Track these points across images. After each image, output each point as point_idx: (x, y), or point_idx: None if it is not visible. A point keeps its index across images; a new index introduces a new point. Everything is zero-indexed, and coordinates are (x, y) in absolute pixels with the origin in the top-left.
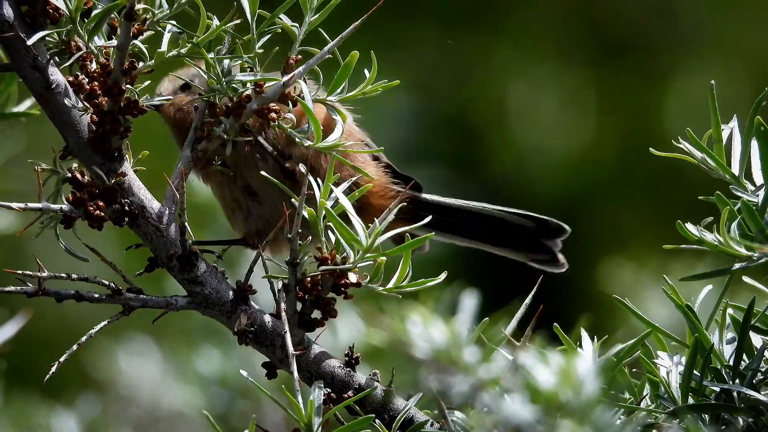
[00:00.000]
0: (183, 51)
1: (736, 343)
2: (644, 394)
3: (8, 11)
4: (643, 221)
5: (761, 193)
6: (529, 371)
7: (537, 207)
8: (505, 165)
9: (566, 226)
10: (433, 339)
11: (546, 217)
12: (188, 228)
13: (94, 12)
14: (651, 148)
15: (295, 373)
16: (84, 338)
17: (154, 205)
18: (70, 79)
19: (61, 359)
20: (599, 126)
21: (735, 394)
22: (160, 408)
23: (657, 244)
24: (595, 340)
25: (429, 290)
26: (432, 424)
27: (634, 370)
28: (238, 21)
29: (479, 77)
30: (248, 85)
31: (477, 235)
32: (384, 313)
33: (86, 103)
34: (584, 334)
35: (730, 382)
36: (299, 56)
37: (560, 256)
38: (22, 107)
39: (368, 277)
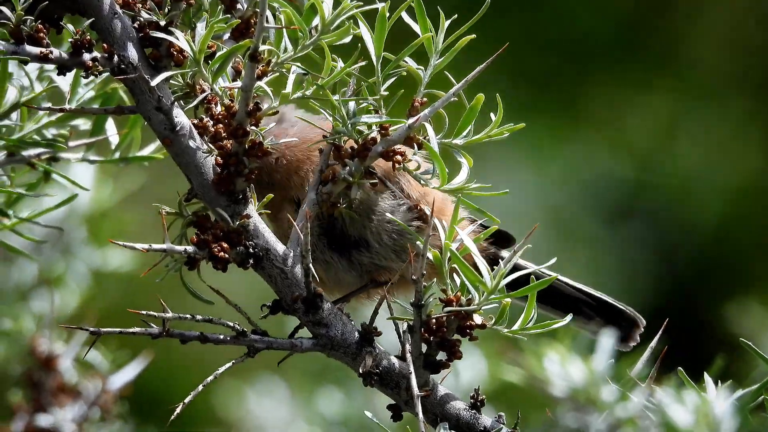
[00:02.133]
0: (308, 93)
1: None
2: None
3: (132, 53)
4: None
5: None
6: (665, 410)
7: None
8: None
9: (641, 321)
10: (571, 377)
11: (623, 308)
12: (313, 270)
13: (218, 54)
14: None
15: (420, 415)
16: (209, 378)
17: (278, 247)
18: (195, 121)
19: (186, 400)
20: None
21: None
22: None
23: None
24: (719, 383)
25: (564, 329)
26: None
27: (762, 414)
28: (362, 63)
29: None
30: (374, 127)
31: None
32: (521, 351)
33: (211, 145)
34: (708, 379)
35: None
36: (424, 99)
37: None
38: (145, 151)
39: (493, 319)
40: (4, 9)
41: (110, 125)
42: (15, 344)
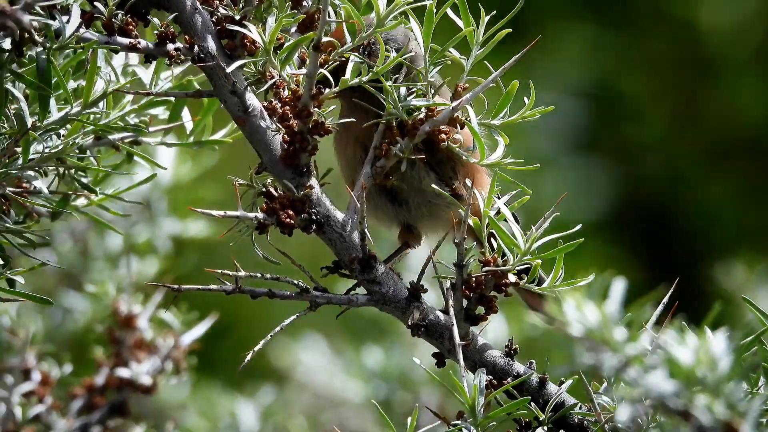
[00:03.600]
0: (364, 79)
1: None
2: (761, 380)
3: (211, 44)
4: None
5: None
6: (670, 350)
7: None
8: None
9: None
10: (587, 321)
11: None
12: (368, 234)
13: (286, 44)
14: None
15: (461, 362)
16: (277, 329)
17: (337, 214)
18: (265, 104)
19: (256, 348)
20: None
21: None
22: (330, 396)
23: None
24: (716, 329)
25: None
26: (580, 407)
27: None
28: (412, 53)
29: None
30: (422, 109)
31: None
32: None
33: (279, 125)
34: (707, 330)
35: None
36: (467, 84)
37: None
38: (216, 136)
39: (526, 278)
40: (98, 4)
41: (185, 113)
42: (99, 305)
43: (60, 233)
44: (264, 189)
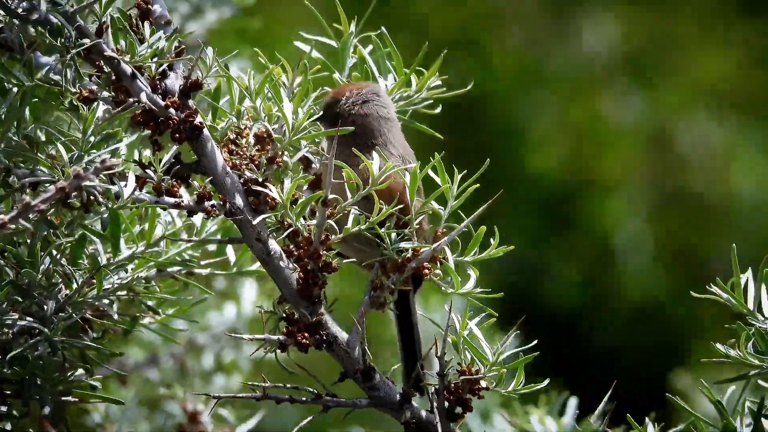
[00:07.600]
0: (362, 227)
1: (752, 426)
2: None
3: (239, 201)
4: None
5: None
6: None
7: None
8: None
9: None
10: (549, 430)
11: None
12: (368, 351)
13: (300, 200)
14: (691, 292)
15: None
16: (295, 429)
17: (343, 335)
18: (284, 247)
19: None
20: None
21: None
22: None
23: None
24: (655, 426)
25: (541, 392)
26: None
27: None
28: (401, 206)
29: None
30: (409, 250)
31: None
32: (512, 413)
33: (295, 265)
34: (649, 424)
35: None
36: (444, 229)
37: None
38: (253, 267)
39: (495, 383)
40: (149, 171)
41: (229, 249)
42: (170, 405)
43: (164, 355)
44: (285, 315)
